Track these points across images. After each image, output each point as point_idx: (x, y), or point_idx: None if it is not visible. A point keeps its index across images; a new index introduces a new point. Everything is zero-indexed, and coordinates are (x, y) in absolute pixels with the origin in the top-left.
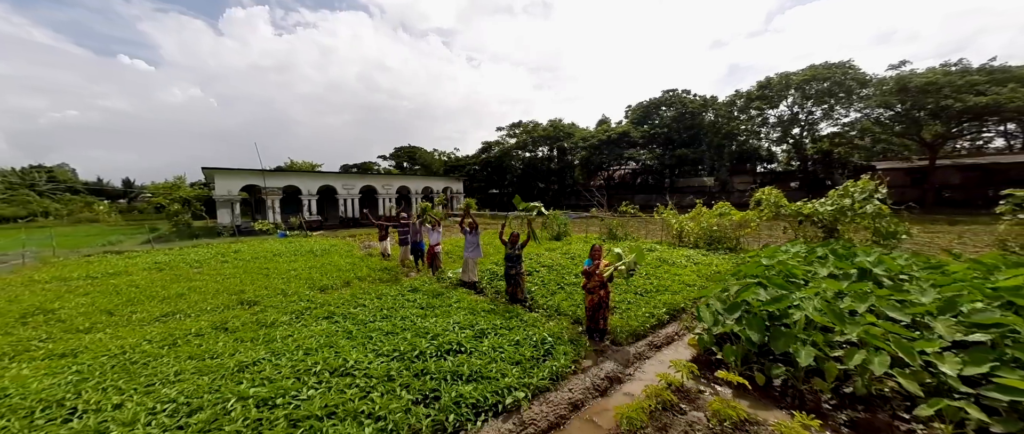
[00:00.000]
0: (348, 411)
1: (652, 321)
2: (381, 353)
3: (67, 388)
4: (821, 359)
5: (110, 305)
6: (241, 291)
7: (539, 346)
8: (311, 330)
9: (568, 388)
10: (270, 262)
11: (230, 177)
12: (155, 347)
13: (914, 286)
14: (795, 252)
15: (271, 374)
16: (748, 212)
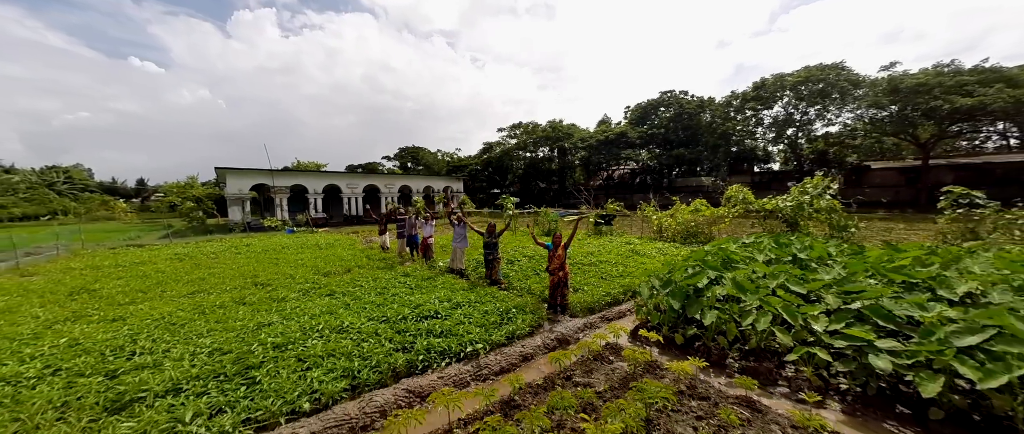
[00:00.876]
0: (343, 353)
1: (608, 299)
2: (372, 317)
3: (125, 339)
4: (725, 321)
5: (142, 286)
6: (255, 276)
7: (503, 315)
8: (315, 303)
9: (521, 344)
10: (279, 254)
11: (241, 176)
12: (188, 314)
13: (827, 268)
14: (751, 242)
15: (283, 330)
16: (720, 209)
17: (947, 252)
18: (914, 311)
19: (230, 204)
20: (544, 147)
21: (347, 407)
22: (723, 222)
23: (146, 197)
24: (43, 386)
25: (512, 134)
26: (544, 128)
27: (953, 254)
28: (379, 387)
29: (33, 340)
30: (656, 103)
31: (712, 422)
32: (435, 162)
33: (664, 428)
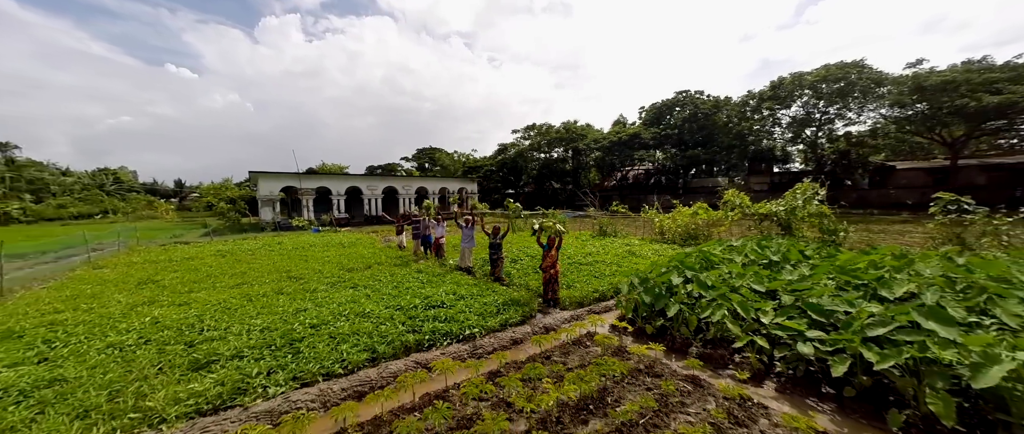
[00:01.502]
0: (365, 332)
1: (596, 295)
2: (388, 305)
3: (193, 319)
4: (687, 314)
5: (196, 278)
6: (288, 270)
7: (499, 306)
8: (342, 294)
9: (512, 331)
10: (308, 251)
11: (272, 180)
12: (238, 301)
13: (792, 269)
14: (737, 245)
15: (317, 314)
16: (717, 212)
17: (903, 255)
18: (844, 307)
19: (262, 205)
20: (558, 148)
21: (369, 372)
22: (722, 225)
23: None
24: (141, 351)
25: (526, 136)
26: (557, 130)
27: (907, 258)
28: (393, 358)
29: (123, 319)
30: (671, 103)
31: (655, 391)
32: (451, 163)
33: (616, 394)
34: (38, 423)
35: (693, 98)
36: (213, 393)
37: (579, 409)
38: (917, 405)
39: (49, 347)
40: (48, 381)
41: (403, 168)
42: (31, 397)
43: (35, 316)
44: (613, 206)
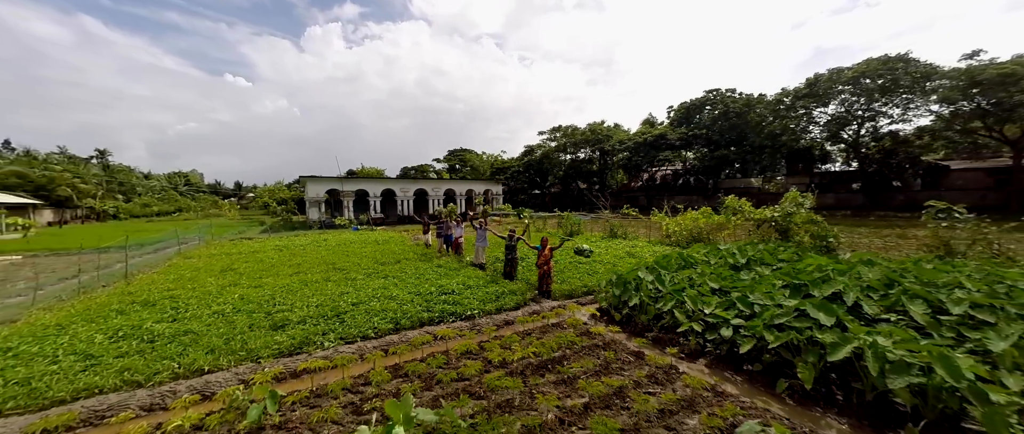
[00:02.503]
0: (390, 310)
1: (584, 289)
2: (410, 291)
3: (267, 297)
4: (646, 304)
5: (263, 267)
6: (333, 263)
7: (499, 295)
8: (375, 282)
9: (506, 314)
10: (348, 247)
11: (318, 183)
12: (297, 285)
13: (757, 270)
14: (724, 249)
15: (356, 296)
16: (718, 216)
17: (869, 262)
18: (766, 300)
19: (309, 206)
20: (586, 149)
21: (392, 337)
22: (726, 229)
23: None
24: (236, 316)
25: (552, 137)
26: (583, 131)
27: (857, 265)
28: (410, 329)
29: (218, 295)
30: (700, 102)
31: (601, 359)
32: (480, 164)
33: (571, 359)
34: (185, 355)
35: (724, 97)
36: (287, 344)
37: (539, 367)
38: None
39: (175, 311)
40: (182, 332)
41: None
42: (175, 341)
43: (158, 292)
44: (624, 209)
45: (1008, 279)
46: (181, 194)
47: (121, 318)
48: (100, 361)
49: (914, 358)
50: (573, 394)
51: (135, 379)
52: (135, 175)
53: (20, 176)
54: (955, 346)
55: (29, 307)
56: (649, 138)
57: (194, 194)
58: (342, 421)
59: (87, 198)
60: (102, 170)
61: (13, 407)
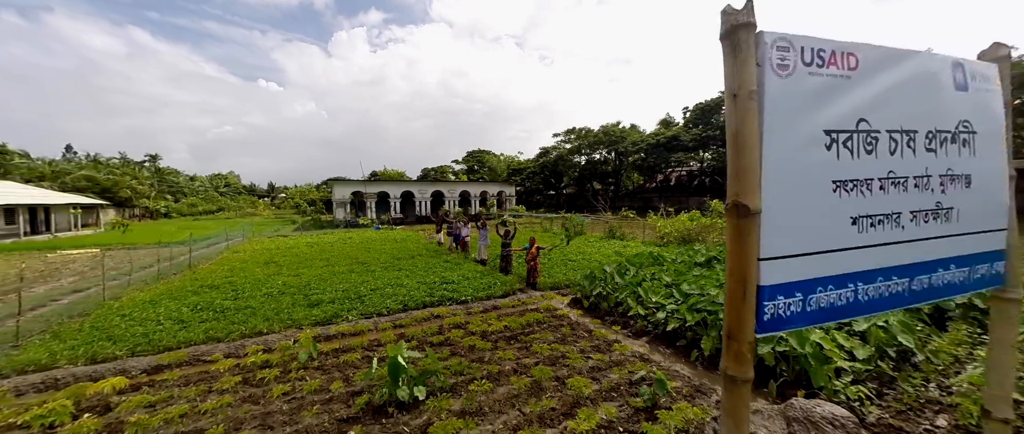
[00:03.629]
0: (401, 294)
1: (567, 282)
2: (419, 281)
3: (305, 283)
4: (609, 295)
5: (299, 260)
6: (357, 257)
7: (491, 286)
8: (391, 274)
9: (494, 301)
10: (370, 244)
11: (344, 186)
12: (327, 275)
13: (715, 266)
14: (698, 248)
15: (374, 283)
16: (704, 219)
17: None
18: (695, 290)
19: (336, 206)
20: (601, 150)
21: (401, 315)
22: (713, 230)
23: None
24: (282, 297)
25: (566, 139)
26: (596, 133)
27: None
28: (416, 309)
29: (266, 282)
30: (715, 103)
31: (559, 332)
32: (498, 165)
33: (536, 331)
34: (247, 322)
35: None
36: (321, 316)
37: (509, 337)
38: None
39: (235, 293)
40: (243, 307)
41: (453, 170)
42: (239, 312)
43: (219, 278)
44: (623, 212)
45: None
46: (221, 194)
47: (196, 297)
48: (189, 324)
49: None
50: (529, 355)
51: (216, 336)
52: (182, 177)
53: (90, 180)
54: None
55: (126, 288)
56: (662, 140)
57: (233, 194)
58: (359, 363)
59: (143, 199)
60: (153, 173)
61: (141, 350)
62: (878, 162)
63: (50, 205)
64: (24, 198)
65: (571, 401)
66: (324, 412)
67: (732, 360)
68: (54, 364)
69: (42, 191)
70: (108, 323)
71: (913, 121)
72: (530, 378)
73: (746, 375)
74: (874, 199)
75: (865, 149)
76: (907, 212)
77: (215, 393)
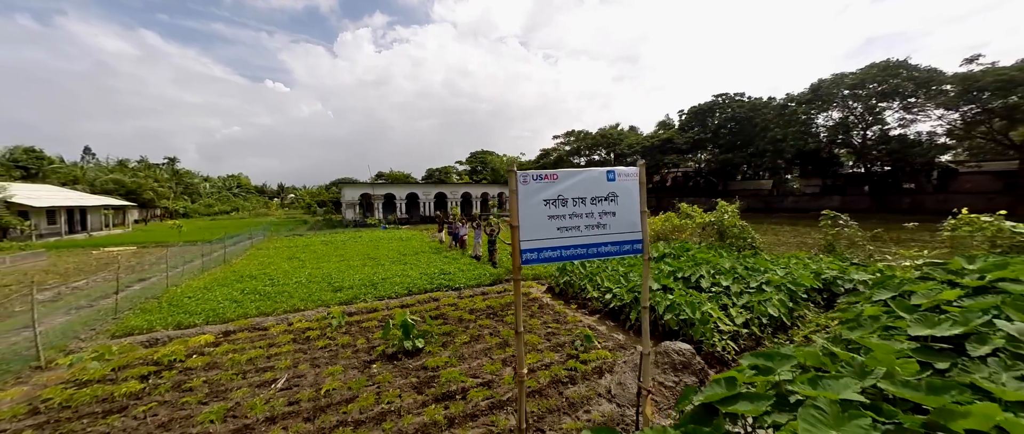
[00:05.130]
0: (406, 283)
1: (548, 274)
2: (421, 273)
3: (326, 274)
4: (574, 282)
5: (318, 256)
6: (367, 254)
7: (482, 276)
8: (397, 268)
9: (483, 287)
10: (378, 242)
11: (353, 188)
12: (344, 268)
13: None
14: (661, 245)
15: (383, 275)
16: (675, 219)
17: (715, 254)
18: (635, 279)
19: (345, 207)
20: (601, 150)
21: (406, 298)
22: (685, 230)
23: (283, 197)
24: (309, 284)
25: (566, 141)
26: (594, 135)
27: (699, 254)
28: (419, 294)
29: (294, 273)
30: (710, 106)
31: (530, 310)
32: (500, 165)
33: (510, 309)
34: (287, 302)
35: (731, 101)
36: (344, 297)
37: (489, 313)
38: (638, 318)
39: (272, 282)
40: (280, 292)
41: (457, 171)
42: (280, 295)
43: (254, 270)
44: None
45: (760, 265)
46: (234, 195)
47: (241, 284)
48: (242, 303)
49: (680, 304)
50: (502, 324)
51: (265, 311)
52: (197, 178)
53: (117, 183)
54: (720, 298)
55: (181, 278)
56: (657, 142)
57: (245, 195)
58: (376, 329)
59: (163, 200)
60: (172, 175)
61: (212, 320)
62: (567, 208)
63: (86, 207)
64: (64, 201)
65: (529, 349)
66: (354, 357)
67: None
68: (152, 329)
69: (77, 194)
70: (179, 302)
71: (585, 193)
72: (499, 338)
73: (520, 278)
74: (566, 221)
75: (561, 204)
76: (582, 226)
77: (276, 346)
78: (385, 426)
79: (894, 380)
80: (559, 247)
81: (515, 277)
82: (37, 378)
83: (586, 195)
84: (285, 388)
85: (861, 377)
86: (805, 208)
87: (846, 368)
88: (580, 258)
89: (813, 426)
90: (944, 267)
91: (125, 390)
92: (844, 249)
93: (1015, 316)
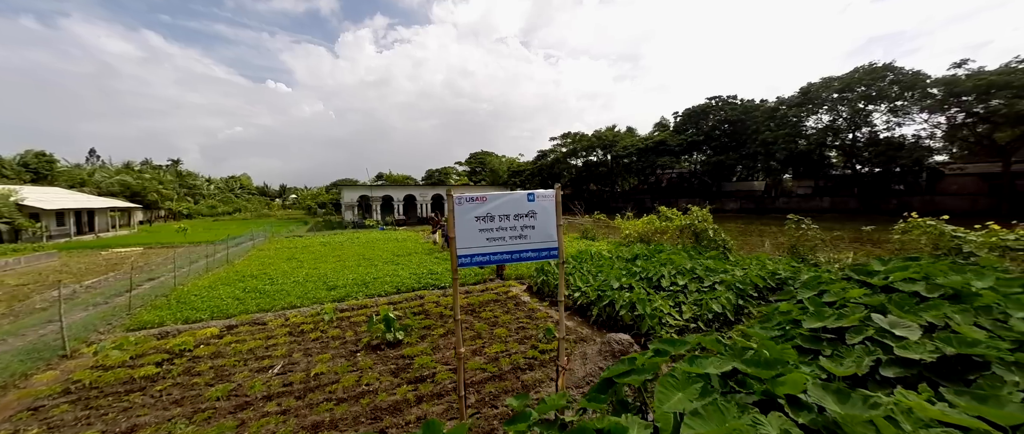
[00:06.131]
0: (396, 282)
1: (528, 273)
2: (411, 273)
3: (322, 274)
4: (549, 281)
5: (316, 256)
6: (363, 254)
7: (465, 274)
8: (390, 267)
9: (467, 287)
10: (375, 243)
11: (352, 190)
12: (339, 268)
13: (640, 262)
14: (632, 248)
15: (377, 274)
16: (656, 222)
17: (676, 255)
18: (603, 278)
19: (344, 209)
20: (598, 151)
21: (395, 296)
22: (666, 232)
23: (285, 198)
24: (306, 283)
25: (563, 143)
26: (590, 137)
27: (665, 256)
28: (406, 292)
29: (292, 273)
30: (704, 108)
31: (506, 306)
32: (499, 166)
33: (488, 306)
34: (284, 299)
35: (724, 104)
36: (337, 296)
37: (468, 309)
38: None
39: (271, 281)
40: (279, 290)
41: (456, 172)
42: (278, 293)
43: (254, 270)
44: (595, 214)
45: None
46: (236, 196)
47: (243, 283)
48: (244, 300)
49: (635, 300)
50: (477, 319)
51: (264, 308)
52: (200, 179)
53: (122, 184)
54: (677, 296)
55: (187, 277)
56: (651, 144)
57: (247, 196)
58: (363, 324)
59: (167, 201)
60: (176, 176)
61: (217, 315)
62: (494, 223)
63: (93, 209)
64: (72, 203)
65: (496, 341)
66: (342, 347)
67: (454, 273)
68: (163, 323)
69: (85, 196)
70: (187, 299)
71: (509, 211)
72: (473, 331)
73: (458, 277)
74: (494, 233)
75: (490, 220)
76: (507, 237)
77: (273, 338)
78: (362, 402)
79: (746, 359)
80: (488, 253)
81: (454, 276)
82: (66, 364)
83: (510, 212)
84: (280, 373)
85: (734, 358)
86: (797, 209)
87: (728, 351)
88: (505, 262)
89: (666, 388)
90: (862, 268)
91: (143, 374)
92: (806, 251)
93: (893, 311)
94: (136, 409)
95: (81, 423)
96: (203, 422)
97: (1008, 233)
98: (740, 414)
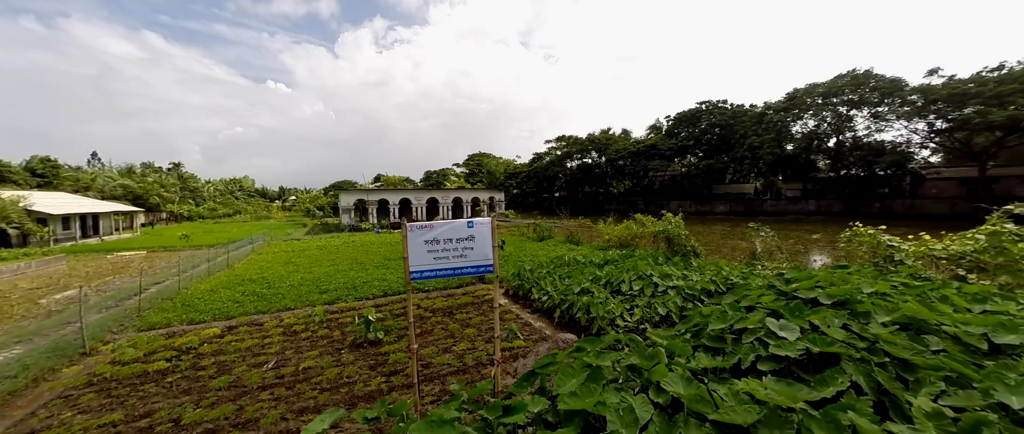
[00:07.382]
0: (384, 286)
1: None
2: (398, 276)
3: (316, 278)
4: (523, 285)
5: (311, 260)
6: (356, 258)
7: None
8: (380, 271)
9: (450, 290)
10: (369, 247)
11: (349, 194)
12: (332, 272)
13: (609, 266)
14: (606, 252)
15: (366, 278)
16: (634, 227)
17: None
18: (567, 282)
19: (341, 212)
20: (593, 153)
21: (381, 299)
22: (643, 237)
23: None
24: (300, 287)
25: (558, 145)
26: (584, 140)
27: (631, 262)
28: (393, 295)
29: (288, 277)
30: (694, 113)
31: (481, 309)
32: (496, 167)
33: (465, 308)
34: (279, 302)
35: (713, 108)
36: (329, 298)
37: (445, 311)
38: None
39: (268, 285)
40: (275, 293)
41: (455, 173)
42: (274, 296)
43: (252, 274)
44: (580, 219)
45: (672, 272)
46: (236, 198)
47: (242, 287)
48: (243, 303)
49: (591, 303)
50: (453, 321)
51: (261, 310)
52: (200, 181)
53: (125, 188)
54: (633, 299)
55: (191, 281)
56: (642, 148)
57: (247, 198)
58: (350, 324)
59: (169, 204)
60: (177, 178)
61: (218, 317)
62: (440, 245)
63: (98, 213)
64: (77, 207)
65: (465, 340)
66: (329, 346)
67: (408, 286)
68: (170, 324)
69: (90, 200)
70: (191, 302)
71: (452, 235)
72: (447, 331)
73: (411, 287)
74: (439, 253)
75: (436, 243)
76: (450, 256)
77: (269, 337)
78: (342, 391)
79: (630, 354)
80: (435, 269)
81: (407, 289)
82: (87, 361)
83: (453, 237)
84: (274, 367)
85: (635, 354)
86: (784, 212)
87: (635, 347)
88: (449, 276)
89: (565, 376)
90: (782, 276)
91: (155, 368)
92: (764, 257)
93: (786, 316)
94: (151, 397)
95: (105, 409)
96: (208, 407)
97: (936, 243)
98: (604, 392)
